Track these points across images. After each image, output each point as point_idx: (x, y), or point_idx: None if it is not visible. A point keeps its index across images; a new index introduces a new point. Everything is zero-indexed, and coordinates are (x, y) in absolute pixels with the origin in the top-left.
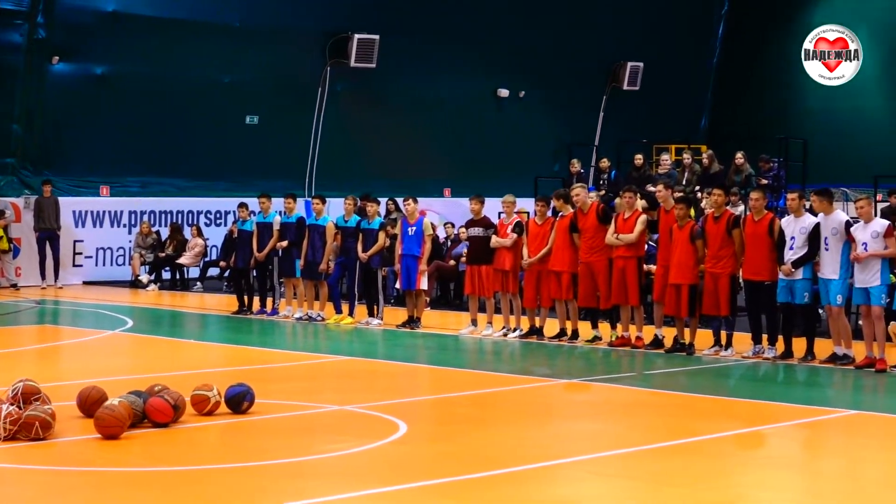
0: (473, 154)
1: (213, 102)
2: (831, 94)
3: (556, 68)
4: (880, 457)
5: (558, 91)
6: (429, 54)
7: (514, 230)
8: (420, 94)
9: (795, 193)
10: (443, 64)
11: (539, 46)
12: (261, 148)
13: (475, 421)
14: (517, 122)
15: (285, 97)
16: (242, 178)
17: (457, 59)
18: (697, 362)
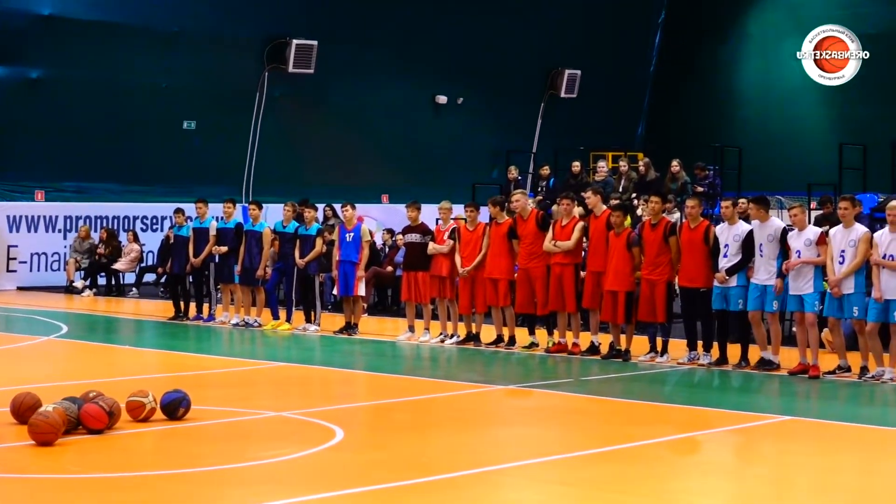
0: (411, 160)
1: (151, 107)
2: (766, 101)
3: (495, 75)
4: (812, 462)
5: (496, 98)
6: (367, 60)
7: (451, 237)
8: (358, 100)
9: (729, 201)
10: (381, 70)
11: (477, 53)
12: (198, 153)
13: (412, 427)
14: (455, 129)
15: (223, 102)
16: (179, 183)
17: (395, 65)
18: (633, 368)
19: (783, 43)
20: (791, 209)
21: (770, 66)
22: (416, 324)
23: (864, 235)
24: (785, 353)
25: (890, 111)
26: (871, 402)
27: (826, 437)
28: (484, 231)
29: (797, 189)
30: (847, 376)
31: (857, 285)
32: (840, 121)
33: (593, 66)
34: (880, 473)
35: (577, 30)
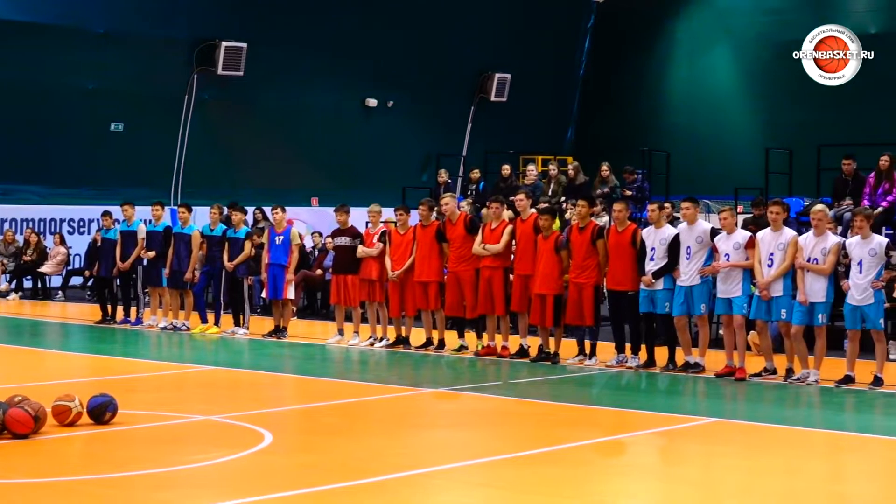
0: (341, 163)
1: (78, 109)
2: (694, 107)
3: (425, 79)
4: (738, 464)
5: (426, 101)
6: (297, 63)
7: (381, 240)
8: (288, 103)
9: (655, 205)
10: (311, 73)
11: (408, 57)
12: (126, 155)
13: (341, 431)
14: (385, 132)
15: (151, 104)
16: (107, 185)
17: (325, 68)
18: (562, 371)
19: (711, 49)
20: (721, 212)
21: (698, 72)
22: (346, 327)
23: (792, 239)
24: (712, 356)
25: (815, 116)
26: (796, 404)
27: (752, 439)
28: (414, 234)
29: (724, 193)
30: (773, 378)
31: (786, 288)
32: (766, 125)
33: (523, 70)
34: (805, 474)
35: (507, 34)
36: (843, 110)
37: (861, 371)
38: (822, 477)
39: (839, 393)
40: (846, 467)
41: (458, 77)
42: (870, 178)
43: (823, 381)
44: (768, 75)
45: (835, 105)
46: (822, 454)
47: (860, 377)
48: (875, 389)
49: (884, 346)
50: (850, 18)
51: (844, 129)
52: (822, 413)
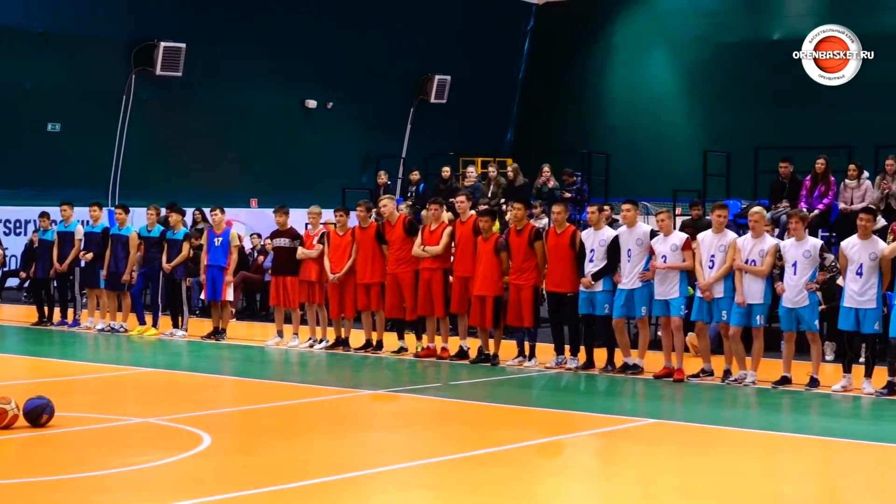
0: (281, 165)
1: (14, 109)
2: (633, 109)
3: (365, 80)
4: (677, 464)
5: (366, 103)
6: (236, 64)
7: (321, 241)
8: (227, 104)
9: (595, 207)
10: (250, 73)
11: (347, 58)
12: (63, 156)
13: (280, 432)
14: (325, 133)
15: (89, 104)
16: (44, 186)
17: (265, 68)
18: (501, 373)
19: (650, 52)
20: (658, 214)
21: (636, 75)
22: (285, 328)
23: (732, 241)
24: (650, 357)
25: (753, 119)
26: (733, 405)
27: (690, 440)
28: (353, 236)
29: (662, 195)
30: (710, 380)
31: (726, 290)
32: (705, 128)
33: (463, 72)
34: (741, 474)
35: (446, 36)
36: (781, 114)
37: (797, 372)
38: (758, 476)
39: (776, 394)
40: (782, 467)
41: (397, 79)
42: (806, 180)
43: (760, 382)
44: (706, 78)
45: (772, 108)
46: (759, 454)
47: (797, 378)
48: (811, 390)
49: (819, 348)
50: (786, 23)
51: (781, 132)
52: (759, 414)
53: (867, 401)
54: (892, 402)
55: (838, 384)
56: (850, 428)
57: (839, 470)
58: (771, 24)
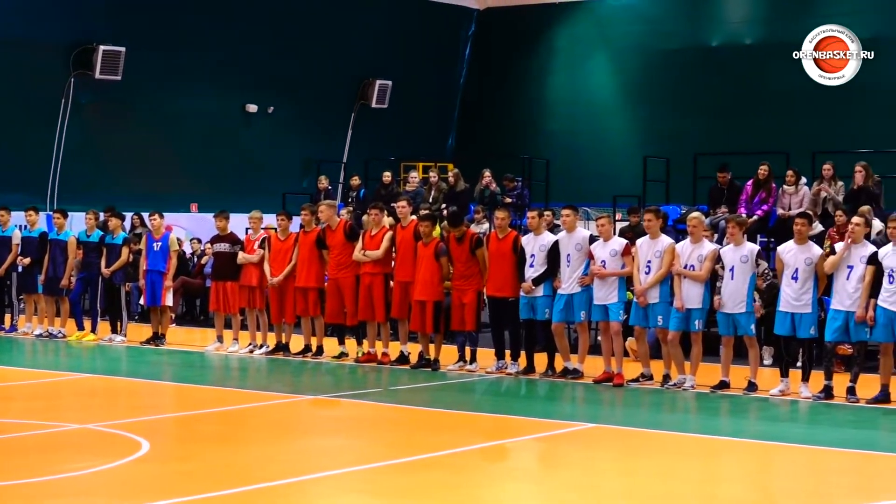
0: (221, 169)
1: None
2: (574, 115)
3: (306, 85)
4: (617, 468)
5: (307, 107)
6: (176, 68)
7: (261, 246)
8: (167, 108)
9: (535, 212)
10: (191, 78)
11: (288, 63)
12: (0, 159)
13: (220, 438)
14: (266, 138)
15: (27, 108)
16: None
17: (205, 73)
18: (442, 378)
19: (591, 58)
20: (598, 219)
21: (577, 80)
22: (225, 334)
23: (668, 246)
24: (590, 362)
25: (692, 124)
26: (672, 409)
27: (630, 444)
28: (295, 240)
29: (603, 201)
30: (650, 384)
31: (663, 295)
32: (645, 134)
33: (404, 77)
34: (680, 477)
35: (387, 41)
36: (720, 120)
37: (736, 376)
38: (696, 479)
39: (714, 398)
40: (720, 470)
41: (339, 83)
42: (747, 186)
43: (699, 386)
44: (647, 84)
45: (711, 114)
46: (698, 458)
47: (735, 382)
48: (749, 394)
49: (757, 352)
50: (725, 29)
51: (721, 137)
52: (698, 418)
53: (804, 405)
54: (829, 405)
55: (776, 388)
56: (787, 432)
57: (776, 473)
58: (710, 30)
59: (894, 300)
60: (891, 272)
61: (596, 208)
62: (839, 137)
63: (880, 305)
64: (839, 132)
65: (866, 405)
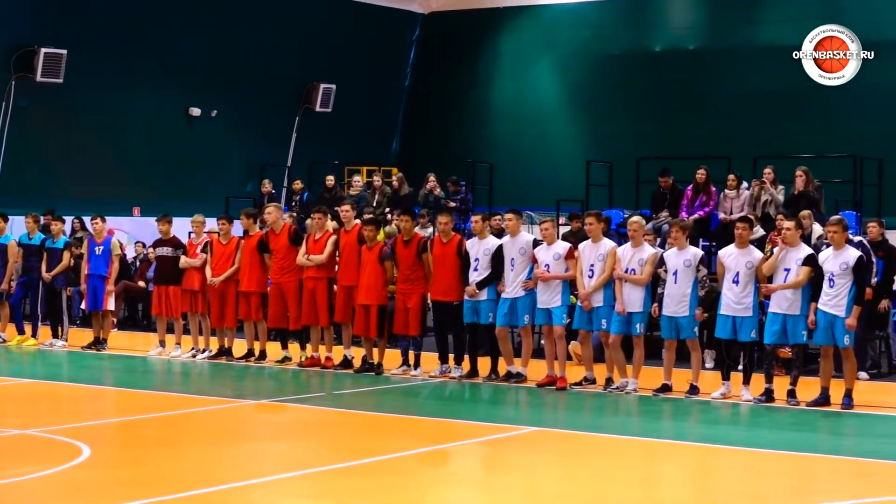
0: (164, 173)
1: None
2: (518, 119)
3: (249, 88)
4: (559, 471)
5: (251, 111)
6: (119, 71)
7: (204, 250)
8: (109, 111)
9: (479, 216)
10: (133, 81)
11: (232, 66)
12: None
13: (163, 443)
14: (209, 142)
15: None
16: None
17: (148, 76)
18: (386, 382)
19: (535, 62)
20: (542, 223)
21: (522, 85)
22: (168, 338)
23: (611, 250)
24: (534, 366)
25: (635, 129)
26: (615, 413)
27: (572, 447)
28: (237, 245)
29: (547, 205)
30: (593, 388)
31: (606, 298)
32: (588, 138)
33: (348, 80)
34: (622, 481)
35: (332, 44)
36: (662, 124)
37: (678, 380)
38: (638, 483)
39: (657, 401)
40: (662, 473)
41: (283, 87)
42: (688, 190)
43: (642, 389)
44: (590, 89)
45: (654, 119)
46: (640, 461)
47: (677, 386)
48: (691, 398)
49: (699, 356)
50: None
51: (663, 142)
52: (640, 421)
53: (745, 408)
54: (770, 408)
55: (717, 391)
56: (728, 434)
57: (717, 476)
58: (654, 36)
59: (834, 304)
60: (831, 276)
61: (539, 212)
62: (782, 142)
63: (820, 309)
64: (781, 137)
65: (806, 408)
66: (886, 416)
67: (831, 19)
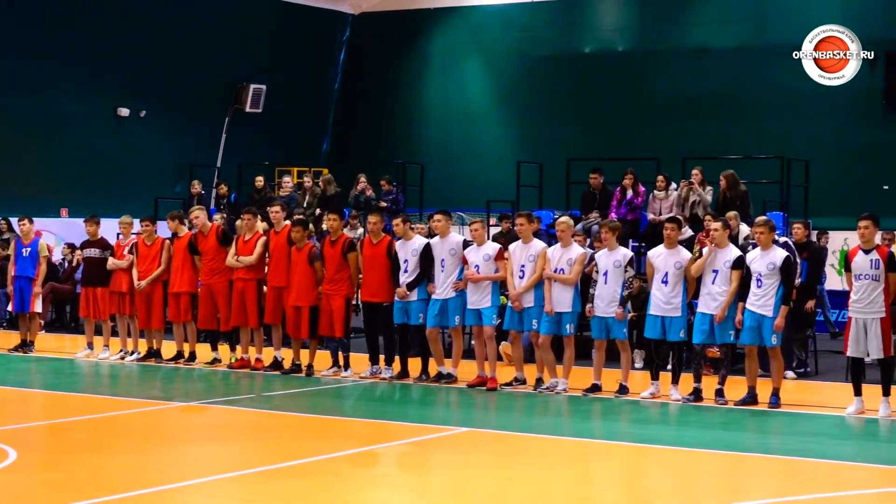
0: (92, 173)
1: None
2: (448, 120)
3: (179, 89)
4: (490, 472)
5: (180, 111)
6: (47, 71)
7: (132, 252)
8: (37, 111)
9: (399, 218)
10: (61, 81)
11: (161, 66)
12: None
13: (90, 446)
14: (138, 142)
15: None
16: None
17: (76, 76)
18: (316, 383)
19: (465, 63)
20: (472, 224)
21: (452, 86)
22: (96, 340)
23: (541, 251)
24: (464, 366)
25: (565, 130)
26: (545, 413)
27: (503, 448)
28: (162, 246)
29: (477, 206)
30: (523, 388)
31: (537, 299)
32: (518, 139)
33: (279, 81)
34: (553, 481)
35: (262, 45)
36: (592, 126)
37: (608, 380)
38: (569, 483)
39: (587, 401)
40: (593, 473)
41: (212, 87)
42: (616, 191)
43: (572, 389)
44: (520, 90)
45: (584, 120)
46: (570, 460)
47: (607, 386)
48: (620, 397)
49: (628, 356)
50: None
51: (593, 143)
52: (571, 421)
53: (674, 407)
54: (698, 408)
55: (646, 391)
56: (658, 434)
57: (648, 475)
58: (583, 37)
59: (761, 304)
60: (758, 276)
61: (470, 213)
62: (711, 144)
63: (748, 309)
64: (711, 138)
65: (734, 407)
66: (813, 415)
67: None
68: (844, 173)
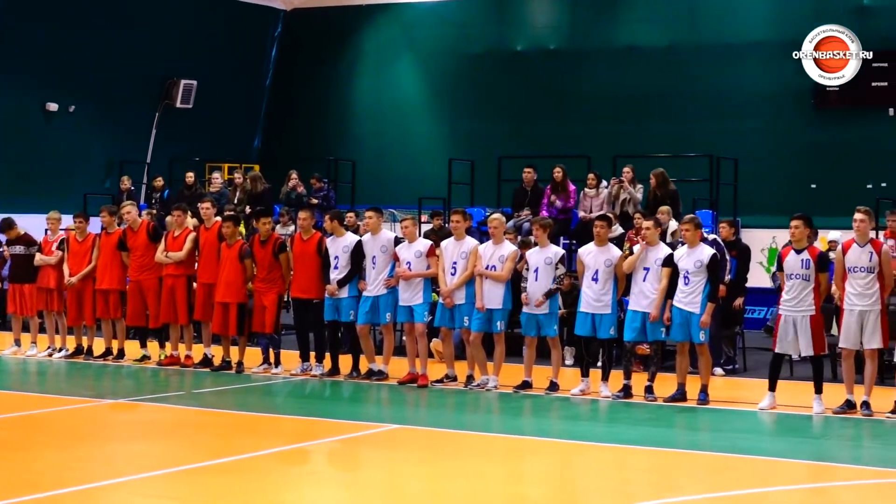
0: (20, 169)
1: None
2: (380, 117)
3: (108, 84)
4: (422, 469)
5: (110, 106)
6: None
7: (60, 248)
8: None
9: (328, 215)
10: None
11: (90, 61)
12: None
13: (15, 445)
14: (67, 137)
15: None
16: None
17: (3, 69)
18: (247, 380)
19: (397, 60)
20: (403, 221)
21: (384, 83)
22: (23, 337)
23: (473, 248)
24: (395, 363)
25: (497, 128)
26: (476, 410)
27: (434, 445)
28: (93, 242)
29: (409, 202)
30: (454, 385)
31: (468, 296)
32: (450, 136)
33: (210, 77)
34: (485, 477)
35: (193, 40)
36: (524, 123)
37: (538, 377)
38: (501, 479)
39: (517, 398)
40: (524, 470)
41: (142, 83)
42: (547, 189)
43: (502, 386)
44: (452, 87)
45: (516, 118)
46: (502, 457)
47: (537, 383)
48: (551, 394)
49: (559, 353)
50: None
51: (525, 141)
52: (501, 418)
53: (604, 403)
54: (628, 404)
55: (577, 388)
56: (588, 430)
57: (579, 471)
58: (515, 35)
59: (689, 300)
60: (686, 274)
61: (401, 210)
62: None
63: (676, 306)
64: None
65: (664, 403)
66: (741, 412)
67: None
68: (773, 172)
